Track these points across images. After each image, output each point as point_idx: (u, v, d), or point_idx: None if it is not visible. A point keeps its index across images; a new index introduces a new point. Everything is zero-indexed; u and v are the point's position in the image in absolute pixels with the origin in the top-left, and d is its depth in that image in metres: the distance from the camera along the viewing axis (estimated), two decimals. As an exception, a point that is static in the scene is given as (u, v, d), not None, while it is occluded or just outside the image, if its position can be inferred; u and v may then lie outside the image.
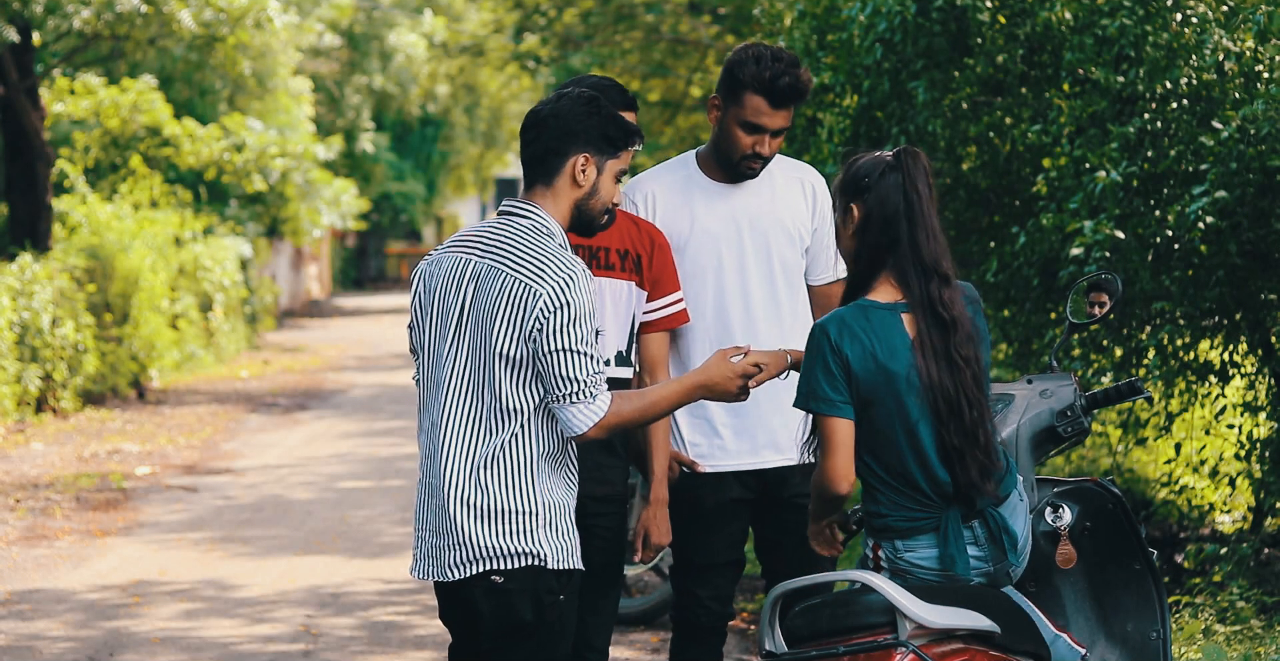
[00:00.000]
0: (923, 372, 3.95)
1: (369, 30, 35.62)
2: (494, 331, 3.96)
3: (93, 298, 16.92)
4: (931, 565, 3.98)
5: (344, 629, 7.69)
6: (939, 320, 3.98)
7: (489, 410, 3.98)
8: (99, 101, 21.94)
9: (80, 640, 7.49)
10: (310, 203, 25.87)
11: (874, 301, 4.03)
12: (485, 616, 4.00)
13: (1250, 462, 8.04)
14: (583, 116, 4.05)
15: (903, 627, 3.78)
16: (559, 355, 3.91)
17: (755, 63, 4.69)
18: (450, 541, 4.00)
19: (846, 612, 3.88)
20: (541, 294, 3.92)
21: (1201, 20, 7.31)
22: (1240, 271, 7.31)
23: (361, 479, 12.33)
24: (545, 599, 3.99)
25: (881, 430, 4.00)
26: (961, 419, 3.96)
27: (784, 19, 9.49)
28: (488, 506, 3.97)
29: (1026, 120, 8.19)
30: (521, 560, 3.97)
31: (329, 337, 27.81)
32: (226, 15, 18.42)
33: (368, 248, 48.73)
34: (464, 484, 3.98)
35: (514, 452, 3.98)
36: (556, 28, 23.78)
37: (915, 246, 4.01)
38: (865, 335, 3.97)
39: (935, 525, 3.99)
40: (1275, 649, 6.13)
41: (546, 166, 4.05)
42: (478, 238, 4.06)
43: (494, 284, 3.97)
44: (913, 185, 4.02)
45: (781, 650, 3.90)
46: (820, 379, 3.98)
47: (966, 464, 3.96)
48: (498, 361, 3.96)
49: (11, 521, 10.51)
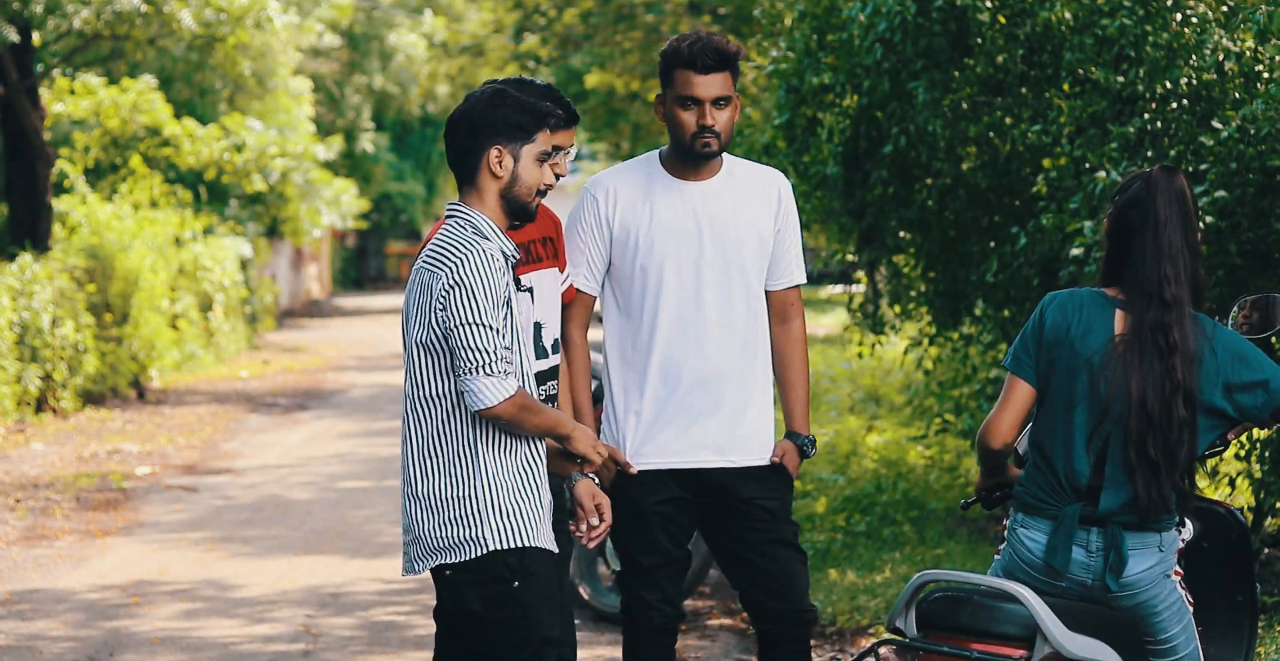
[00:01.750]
0: (1117, 367, 3.99)
1: (369, 30, 35.63)
2: (411, 322, 4.17)
3: (93, 298, 16.92)
4: (1037, 549, 4.05)
5: (344, 629, 7.69)
6: (1154, 341, 3.99)
7: (415, 404, 4.17)
8: (99, 101, 21.94)
9: (80, 640, 7.49)
10: (310, 203, 25.87)
11: (1102, 292, 4.12)
12: (449, 607, 4.19)
13: (1250, 462, 8.04)
14: (488, 110, 4.18)
15: (1040, 648, 3.83)
16: (463, 329, 4.05)
17: (677, 43, 4.85)
18: (410, 536, 4.21)
19: (988, 616, 3.92)
20: (441, 275, 4.09)
21: (1201, 20, 7.31)
22: (1240, 271, 7.31)
23: (361, 479, 12.32)
24: (492, 587, 4.11)
25: (1047, 401, 4.09)
26: (1167, 435, 3.97)
27: (784, 19, 9.50)
28: (429, 497, 4.15)
29: (1026, 120, 8.19)
30: (467, 549, 4.12)
31: (329, 337, 27.81)
32: (226, 15, 18.42)
33: (368, 248, 48.75)
34: (409, 478, 4.19)
35: (446, 442, 4.13)
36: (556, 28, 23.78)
37: (1142, 263, 4.03)
38: (1073, 311, 4.06)
39: (1055, 513, 4.04)
40: (1275, 649, 6.13)
41: (466, 165, 4.23)
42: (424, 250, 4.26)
43: (414, 280, 4.19)
44: (1153, 203, 4.03)
45: (912, 633, 3.97)
46: (1021, 342, 4.14)
47: (1159, 478, 3.97)
48: (416, 351, 4.15)
49: (11, 521, 10.51)
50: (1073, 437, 4.03)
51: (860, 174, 8.93)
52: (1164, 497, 3.98)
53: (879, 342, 10.03)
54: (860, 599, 7.68)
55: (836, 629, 7.40)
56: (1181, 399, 3.96)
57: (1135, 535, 4.04)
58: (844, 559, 8.59)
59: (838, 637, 7.28)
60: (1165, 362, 3.96)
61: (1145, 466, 3.96)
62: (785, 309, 4.97)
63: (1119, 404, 3.99)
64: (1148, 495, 3.97)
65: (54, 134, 22.38)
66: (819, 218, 9.63)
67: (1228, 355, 4.03)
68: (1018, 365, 4.13)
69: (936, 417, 10.65)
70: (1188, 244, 4.01)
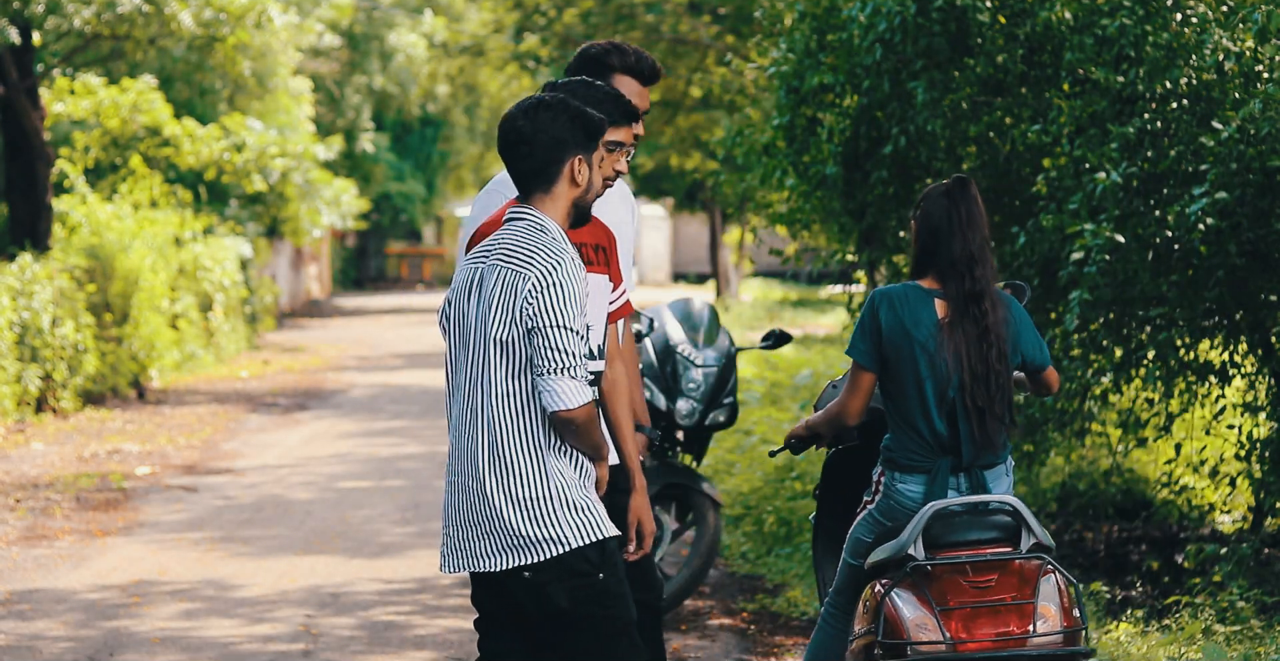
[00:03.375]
0: (947, 345, 4.86)
1: (369, 30, 35.62)
2: (489, 320, 4.24)
3: (93, 298, 16.91)
4: (916, 497, 4.90)
5: (344, 629, 7.69)
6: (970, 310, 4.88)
7: (490, 403, 4.23)
8: (99, 101, 21.92)
9: (80, 640, 7.49)
10: (310, 203, 25.86)
11: (919, 285, 4.97)
12: (527, 607, 4.24)
13: (1250, 462, 8.04)
14: (566, 124, 4.31)
15: (1026, 540, 4.67)
16: (552, 330, 4.17)
17: (619, 52, 5.03)
18: (479, 532, 4.23)
19: (976, 528, 4.73)
20: (530, 277, 4.21)
21: (1201, 20, 7.31)
22: (1240, 272, 7.31)
23: (361, 479, 12.32)
24: (578, 582, 4.20)
25: (899, 382, 4.92)
26: (987, 385, 4.85)
27: (784, 19, 9.49)
28: (505, 496, 4.19)
29: (1026, 120, 8.18)
30: (547, 548, 4.20)
31: (329, 337, 27.81)
32: (226, 15, 18.41)
33: (368, 248, 48.74)
34: (479, 476, 4.23)
35: (521, 441, 4.21)
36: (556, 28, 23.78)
37: (955, 255, 4.93)
38: (901, 306, 4.92)
39: (929, 468, 4.90)
40: (1275, 649, 6.13)
41: (545, 176, 4.34)
42: (486, 247, 4.37)
43: (491, 279, 4.28)
44: (955, 207, 4.95)
45: (922, 555, 4.65)
46: (859, 335, 4.97)
47: (985, 421, 4.86)
48: (493, 349, 4.23)
49: (11, 521, 10.51)
50: (928, 407, 4.88)
51: (860, 174, 8.93)
52: (997, 433, 4.89)
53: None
54: (860, 599, 7.68)
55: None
56: (995, 355, 4.87)
57: (990, 471, 4.92)
58: (844, 559, 8.60)
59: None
60: (980, 327, 4.87)
61: (977, 413, 4.85)
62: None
63: (955, 374, 4.86)
64: (985, 435, 4.86)
65: (54, 134, 22.37)
66: (819, 218, 9.62)
67: (1017, 323, 4.97)
68: (860, 356, 4.96)
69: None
70: (984, 238, 4.96)
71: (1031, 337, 4.99)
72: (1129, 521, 9.42)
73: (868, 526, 5.03)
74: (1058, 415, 8.17)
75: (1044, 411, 8.04)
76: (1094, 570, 8.45)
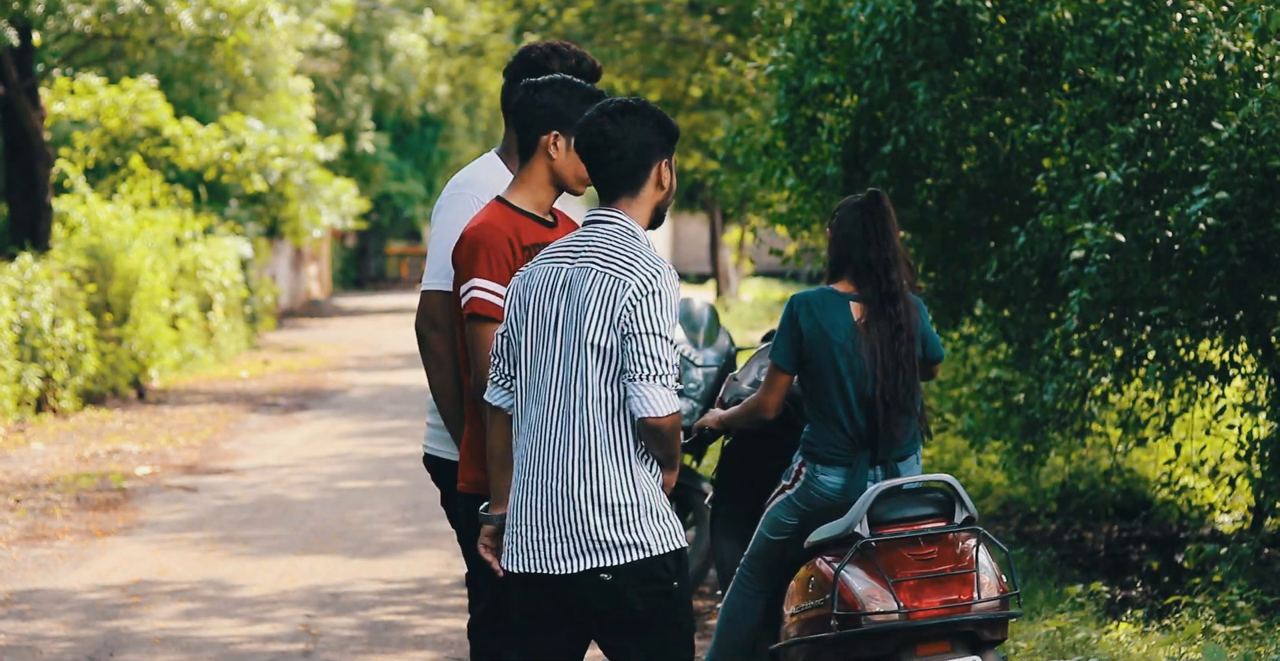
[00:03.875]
0: (863, 344, 5.29)
1: (369, 30, 35.62)
2: (585, 324, 4.23)
3: (93, 298, 16.91)
4: (835, 490, 5.33)
5: (344, 629, 7.69)
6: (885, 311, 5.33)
7: (583, 405, 4.22)
8: (99, 101, 21.92)
9: (80, 640, 7.49)
10: (310, 203, 25.85)
11: (834, 289, 5.41)
12: (597, 610, 4.23)
13: (1250, 462, 8.04)
14: (653, 128, 4.34)
15: (959, 514, 5.00)
16: (649, 338, 4.18)
17: (559, 55, 4.94)
18: (558, 534, 4.21)
19: (912, 506, 5.07)
20: (631, 284, 4.21)
21: (1201, 20, 7.30)
22: (1240, 272, 7.31)
23: (361, 479, 12.32)
24: (652, 588, 4.20)
25: (820, 380, 5.35)
26: (897, 380, 5.29)
27: (784, 19, 9.49)
28: (593, 498, 4.19)
29: (1026, 120, 8.18)
30: (628, 553, 4.19)
31: (329, 337, 27.80)
32: (226, 15, 18.41)
33: (368, 248, 48.73)
34: (569, 478, 4.21)
35: (612, 446, 4.21)
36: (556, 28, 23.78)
37: (871, 262, 5.37)
38: (819, 311, 5.36)
39: (849, 461, 5.32)
40: (1275, 649, 6.13)
41: (634, 180, 4.35)
42: (568, 248, 4.33)
43: (585, 282, 4.25)
44: (869, 219, 5.38)
45: (867, 533, 4.96)
46: (779, 338, 5.40)
47: (895, 414, 5.30)
48: (589, 353, 4.22)
49: (11, 521, 10.51)
50: (850, 403, 5.30)
51: (860, 174, 8.93)
52: (908, 425, 5.33)
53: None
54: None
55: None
56: (905, 353, 5.31)
57: (903, 463, 5.35)
58: (844, 559, 8.60)
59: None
60: (894, 326, 5.30)
61: (885, 406, 5.28)
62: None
63: (871, 371, 5.29)
64: (901, 427, 5.31)
65: (54, 134, 22.36)
66: (819, 218, 9.62)
67: (924, 323, 5.42)
68: (779, 358, 5.40)
69: (936, 417, 10.65)
70: (895, 246, 5.37)
71: (933, 336, 5.47)
72: (1129, 521, 9.43)
73: (788, 509, 5.46)
74: (1058, 415, 8.18)
75: (1044, 411, 8.04)
76: (1094, 570, 8.45)
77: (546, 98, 4.49)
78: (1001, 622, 4.92)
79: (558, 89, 4.51)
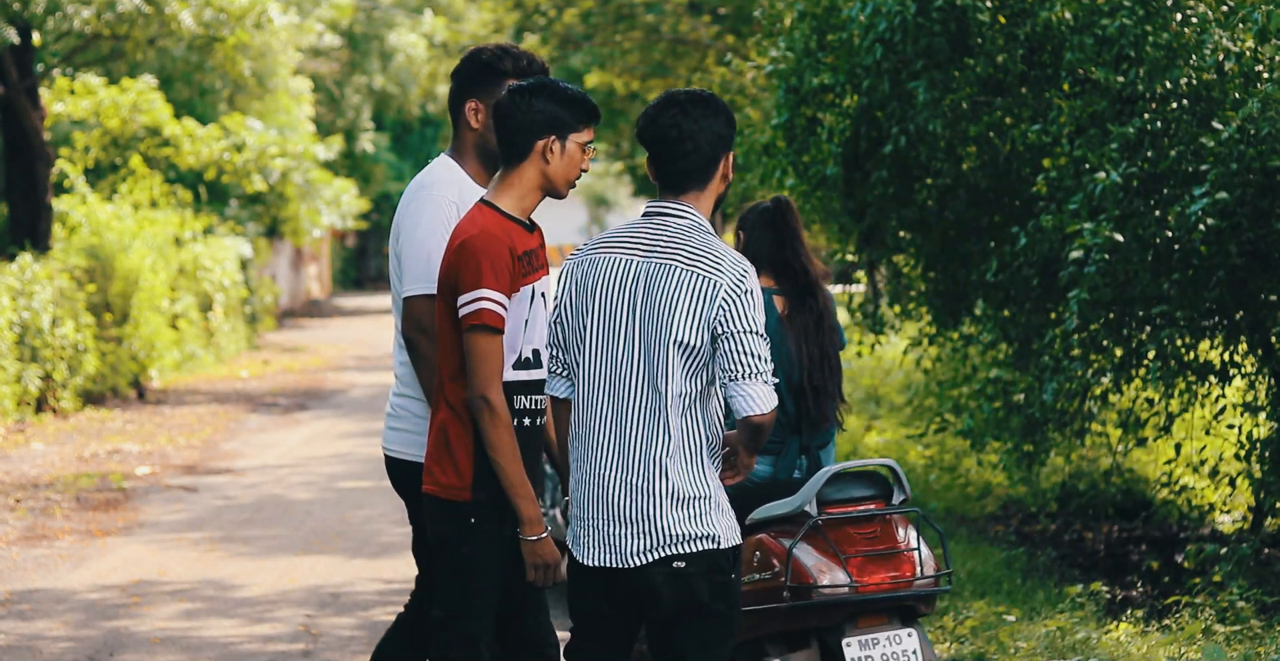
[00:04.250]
0: (789, 335, 5.58)
1: (369, 30, 35.63)
2: (673, 321, 4.22)
3: (93, 298, 16.91)
4: (763, 476, 5.59)
5: (344, 629, 7.69)
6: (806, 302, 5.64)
7: (662, 400, 4.23)
8: (99, 101, 21.93)
9: (80, 640, 7.49)
10: (310, 203, 25.86)
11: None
12: (665, 599, 4.26)
13: (1250, 462, 8.04)
14: (724, 121, 4.36)
15: (897, 495, 5.25)
16: (746, 336, 4.20)
17: (510, 57, 4.88)
18: (633, 530, 4.24)
19: (856, 487, 5.28)
20: (722, 284, 4.21)
21: (1201, 20, 7.30)
22: (1240, 272, 7.31)
23: (361, 479, 12.32)
24: (718, 578, 4.26)
25: None
26: (824, 366, 5.61)
27: (784, 19, 9.49)
28: (670, 492, 4.22)
29: (1026, 120, 8.19)
30: (700, 544, 4.23)
31: (329, 337, 27.80)
32: (226, 15, 18.41)
33: (368, 247, 48.74)
34: (644, 472, 4.23)
35: (686, 439, 4.24)
36: (556, 28, 23.79)
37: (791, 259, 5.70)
38: None
39: (779, 450, 5.60)
40: (1275, 649, 6.13)
41: (705, 174, 4.35)
42: (632, 238, 4.32)
43: (668, 279, 4.24)
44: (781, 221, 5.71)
45: (815, 513, 5.14)
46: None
47: (821, 399, 5.60)
48: (674, 350, 4.22)
49: (11, 521, 10.51)
50: (780, 392, 5.42)
51: (860, 174, 8.93)
52: (833, 410, 5.66)
53: (879, 342, 10.03)
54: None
55: (836, 629, 7.41)
56: (828, 340, 5.64)
57: (824, 450, 5.69)
58: (844, 559, 8.59)
59: (838, 637, 7.28)
60: (815, 315, 5.62)
61: (822, 391, 5.61)
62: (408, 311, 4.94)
63: (799, 360, 5.58)
64: (821, 412, 5.60)
65: (54, 134, 22.37)
66: (819, 218, 9.63)
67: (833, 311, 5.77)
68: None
69: (936, 417, 10.65)
70: (805, 245, 5.72)
71: (840, 326, 5.83)
72: (1129, 521, 9.42)
73: None
74: (1058, 415, 8.18)
75: (1044, 411, 8.04)
76: (1094, 570, 8.45)
77: (542, 103, 4.42)
78: (933, 598, 5.26)
79: (551, 93, 4.43)
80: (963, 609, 7.27)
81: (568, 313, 4.32)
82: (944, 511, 9.63)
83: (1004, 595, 7.56)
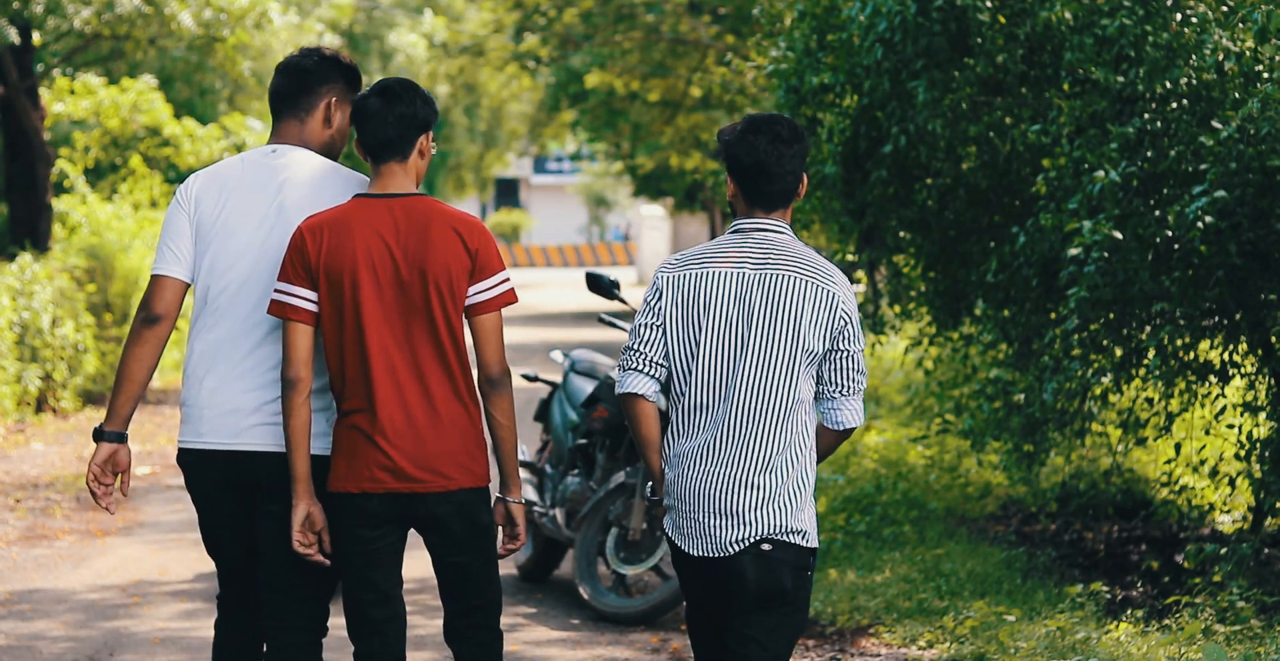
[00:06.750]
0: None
1: (369, 30, 35.61)
2: (800, 328, 4.43)
3: (93, 298, 16.91)
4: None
5: (344, 629, 7.67)
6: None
7: (777, 404, 4.42)
8: (99, 101, 21.92)
9: (80, 640, 7.49)
10: (310, 202, 25.82)
11: None
12: (750, 583, 4.43)
13: (1250, 462, 8.03)
14: (805, 145, 4.55)
15: None
16: (858, 353, 4.49)
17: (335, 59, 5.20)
18: (731, 522, 4.42)
19: None
20: (839, 298, 4.45)
21: (1201, 20, 7.31)
22: (1240, 271, 7.31)
23: (361, 479, 12.31)
24: (798, 572, 4.46)
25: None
26: None
27: (784, 19, 9.50)
28: (774, 491, 4.42)
29: (1026, 120, 8.19)
30: (791, 537, 4.44)
31: (329, 337, 27.77)
32: (226, 15, 18.41)
33: (368, 247, 48.66)
34: (752, 470, 4.42)
35: (799, 441, 4.45)
36: (556, 28, 23.78)
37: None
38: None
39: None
40: (1275, 649, 6.13)
41: (795, 195, 4.56)
42: (737, 252, 4.48)
43: (792, 288, 4.44)
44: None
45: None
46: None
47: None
48: (801, 356, 4.43)
49: (11, 521, 10.51)
50: None
51: (860, 174, 8.93)
52: None
53: (879, 342, 10.04)
54: (860, 598, 7.68)
55: (836, 629, 7.41)
56: None
57: None
58: (844, 559, 8.59)
59: (838, 637, 7.28)
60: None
61: None
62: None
63: None
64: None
65: (54, 134, 22.37)
66: (819, 218, 9.63)
67: None
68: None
69: (936, 417, 10.65)
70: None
71: None
72: (1129, 521, 9.42)
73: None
74: (1058, 415, 8.18)
75: (1044, 411, 8.04)
76: (1094, 570, 8.45)
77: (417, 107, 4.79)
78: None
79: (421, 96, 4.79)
80: (963, 609, 7.27)
81: (674, 323, 4.48)
82: (944, 511, 9.63)
83: (1004, 595, 7.56)
